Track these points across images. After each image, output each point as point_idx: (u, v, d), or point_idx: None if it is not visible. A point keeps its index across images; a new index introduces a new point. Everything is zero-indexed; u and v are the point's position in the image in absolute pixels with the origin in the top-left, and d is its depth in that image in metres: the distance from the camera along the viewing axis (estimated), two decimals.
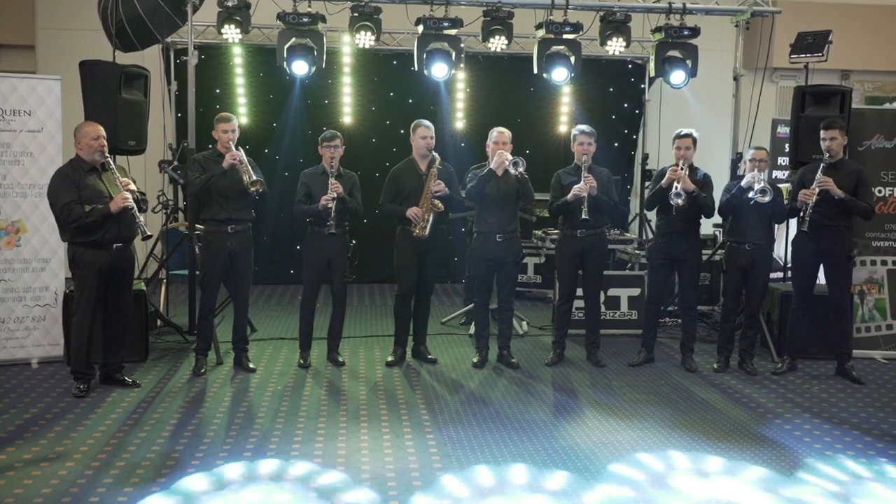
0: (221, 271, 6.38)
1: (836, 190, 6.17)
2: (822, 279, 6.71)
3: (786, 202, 6.83)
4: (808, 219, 6.23)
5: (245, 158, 6.21)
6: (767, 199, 6.27)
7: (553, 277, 7.17)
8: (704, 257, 8.27)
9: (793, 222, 8.63)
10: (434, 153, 6.58)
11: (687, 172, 6.50)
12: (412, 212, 6.47)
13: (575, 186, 6.46)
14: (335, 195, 6.33)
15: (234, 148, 6.22)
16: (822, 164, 6.27)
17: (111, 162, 5.79)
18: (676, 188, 6.39)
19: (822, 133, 6.35)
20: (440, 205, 6.47)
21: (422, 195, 6.50)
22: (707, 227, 8.88)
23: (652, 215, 7.64)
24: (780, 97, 11.36)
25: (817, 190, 6.19)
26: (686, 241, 6.65)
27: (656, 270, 6.83)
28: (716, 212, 6.67)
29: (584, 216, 6.41)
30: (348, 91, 10.44)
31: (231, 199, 6.27)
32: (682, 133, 6.66)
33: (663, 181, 6.52)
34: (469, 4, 7.77)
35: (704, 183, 6.59)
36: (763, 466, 4.74)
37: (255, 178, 6.18)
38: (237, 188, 6.26)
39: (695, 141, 6.62)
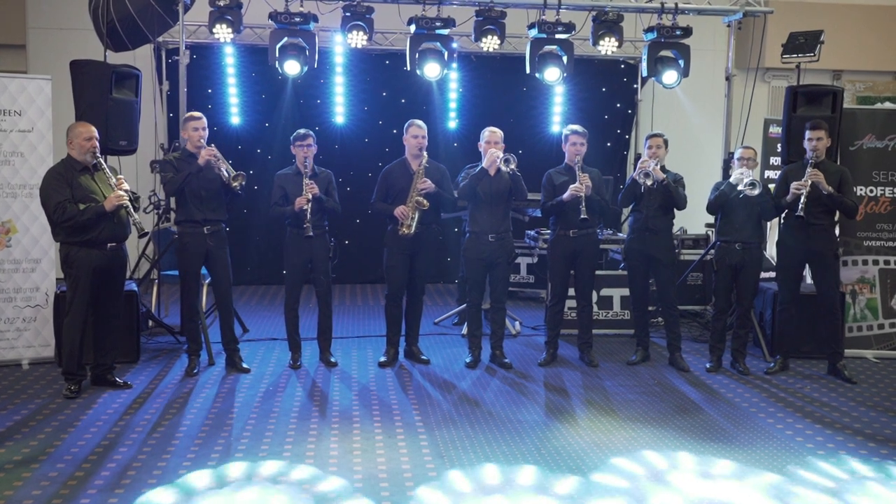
0: (199, 272, 6.41)
1: (825, 184, 6.21)
2: (810, 279, 6.75)
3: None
4: (802, 205, 6.21)
5: (220, 155, 6.21)
6: (756, 191, 6.32)
7: (546, 277, 7.17)
8: (696, 257, 8.30)
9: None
10: (424, 153, 6.58)
11: (658, 167, 6.57)
12: (399, 210, 6.46)
13: (571, 186, 6.46)
14: (310, 196, 6.32)
15: (206, 145, 6.21)
16: (809, 162, 6.31)
17: (103, 162, 5.78)
18: (645, 170, 6.49)
19: (810, 133, 6.39)
20: (425, 202, 6.45)
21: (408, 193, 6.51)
22: (699, 226, 8.92)
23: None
24: (772, 97, 11.39)
25: (809, 182, 6.21)
26: (660, 238, 6.69)
27: (634, 270, 6.86)
28: (699, 208, 6.70)
29: (583, 216, 6.41)
30: (341, 91, 10.43)
31: (205, 199, 6.25)
32: (653, 133, 6.80)
33: (635, 172, 6.62)
34: (461, 4, 7.76)
35: (675, 181, 6.64)
36: (755, 466, 4.74)
37: (234, 172, 6.17)
38: (211, 188, 6.25)
39: (665, 142, 6.68)
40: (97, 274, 5.73)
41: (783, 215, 6.63)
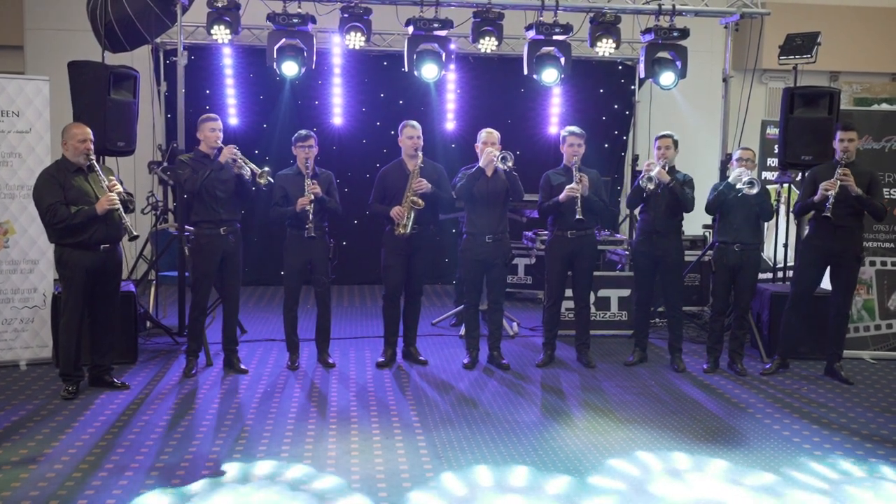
0: (214, 273, 6.38)
1: (854, 186, 6.16)
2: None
3: (774, 202, 6.86)
4: (830, 206, 6.17)
5: (240, 154, 6.23)
6: (755, 190, 6.32)
7: (543, 278, 7.19)
8: (694, 258, 8.31)
9: (782, 224, 8.70)
10: (419, 153, 6.58)
11: (665, 168, 6.57)
12: (395, 211, 6.47)
13: (568, 187, 6.47)
14: (313, 197, 6.33)
15: (221, 146, 6.23)
16: (840, 162, 6.25)
17: (96, 164, 5.77)
18: (648, 173, 6.49)
19: (841, 134, 6.31)
20: (420, 202, 6.46)
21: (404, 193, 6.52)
22: (697, 227, 8.93)
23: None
24: (770, 98, 11.41)
25: (838, 183, 6.17)
26: (668, 241, 6.67)
27: (641, 272, 6.85)
28: (698, 208, 6.70)
29: (578, 216, 6.42)
30: (338, 92, 10.43)
31: (222, 200, 6.26)
32: (662, 133, 6.76)
33: (641, 175, 6.63)
34: (459, 6, 7.77)
35: (685, 182, 6.63)
36: (751, 467, 4.75)
37: (259, 169, 6.19)
38: (227, 188, 6.26)
39: (675, 142, 6.67)
40: (91, 275, 5.73)
41: (810, 215, 6.54)
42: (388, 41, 9.89)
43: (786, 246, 8.23)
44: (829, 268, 6.54)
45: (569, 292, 6.99)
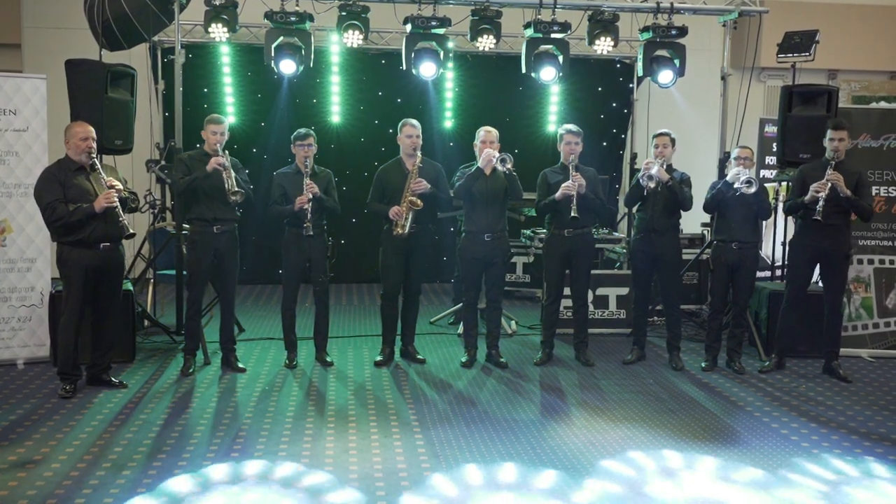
0: (208, 271, 6.37)
1: (843, 187, 6.17)
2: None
3: (772, 200, 6.86)
4: (820, 209, 6.18)
5: (229, 165, 6.18)
6: (753, 189, 6.32)
7: (541, 277, 7.19)
8: (692, 256, 8.31)
9: (780, 223, 8.70)
10: (418, 152, 6.57)
11: (664, 166, 6.56)
12: (393, 211, 6.46)
13: (563, 185, 6.47)
14: (311, 196, 6.31)
15: (220, 151, 6.20)
16: (831, 162, 6.26)
17: (97, 163, 5.76)
18: (648, 171, 6.49)
19: (832, 133, 6.32)
20: (419, 202, 6.45)
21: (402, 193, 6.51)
22: (695, 226, 8.93)
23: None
24: (768, 96, 11.41)
25: (829, 184, 6.18)
26: (665, 239, 6.67)
27: (639, 270, 6.86)
28: (696, 206, 6.71)
29: (573, 214, 6.42)
30: (336, 90, 10.44)
31: (216, 199, 6.25)
32: (659, 132, 6.76)
33: (640, 173, 6.62)
34: (457, 3, 7.76)
35: (682, 181, 6.63)
36: (750, 465, 4.75)
37: (235, 188, 6.12)
38: (223, 189, 6.24)
39: (672, 140, 6.67)
40: (91, 274, 5.72)
41: (799, 214, 6.55)
42: (387, 39, 9.88)
43: (784, 244, 8.21)
44: (819, 266, 6.55)
45: (567, 290, 6.99)
